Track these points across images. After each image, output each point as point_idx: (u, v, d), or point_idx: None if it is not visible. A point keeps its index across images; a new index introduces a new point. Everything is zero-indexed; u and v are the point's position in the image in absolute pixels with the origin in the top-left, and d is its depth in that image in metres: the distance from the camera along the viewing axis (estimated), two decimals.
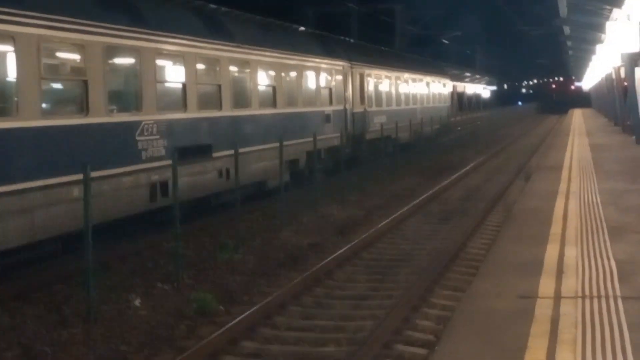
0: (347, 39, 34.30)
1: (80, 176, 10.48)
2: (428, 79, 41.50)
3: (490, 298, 7.91)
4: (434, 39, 74.24)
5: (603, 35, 31.56)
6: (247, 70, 18.83)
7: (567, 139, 34.51)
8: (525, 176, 22.35)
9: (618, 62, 29.47)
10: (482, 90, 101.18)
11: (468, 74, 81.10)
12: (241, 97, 18.48)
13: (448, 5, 68.12)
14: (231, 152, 15.54)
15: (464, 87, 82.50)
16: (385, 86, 32.42)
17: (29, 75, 11.25)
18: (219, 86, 17.19)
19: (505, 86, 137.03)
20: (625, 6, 22.66)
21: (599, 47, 37.95)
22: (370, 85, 29.93)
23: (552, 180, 17.98)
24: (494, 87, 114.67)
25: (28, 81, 11.23)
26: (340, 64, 26.05)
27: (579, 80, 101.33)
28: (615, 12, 25.36)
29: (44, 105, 11.65)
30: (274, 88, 20.23)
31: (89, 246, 10.02)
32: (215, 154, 16.56)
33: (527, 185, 18.51)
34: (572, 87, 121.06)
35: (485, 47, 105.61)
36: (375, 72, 30.78)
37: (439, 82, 45.11)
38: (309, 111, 22.71)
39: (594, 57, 46.35)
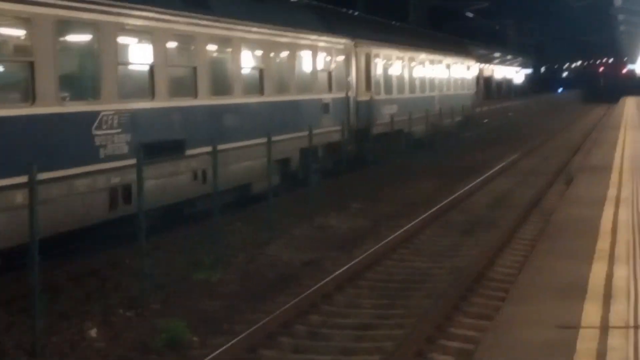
0: (351, 11, 34.38)
1: (24, 178, 10.47)
2: (449, 60, 41.57)
3: (523, 328, 7.91)
4: (456, 12, 74.38)
5: None
6: (229, 50, 18.83)
7: (617, 133, 34.57)
8: (566, 179, 22.37)
9: None
10: (515, 74, 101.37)
11: (497, 55, 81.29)
12: (221, 82, 18.48)
13: None
14: (209, 149, 15.54)
15: (492, 70, 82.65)
16: (396, 69, 32.46)
17: None
18: (194, 69, 17.19)
19: (543, 69, 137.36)
20: None
21: None
22: (378, 67, 29.97)
23: (598, 184, 17.99)
24: (529, 70, 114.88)
25: None
26: (341, 42, 26.08)
27: (633, 62, 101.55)
28: None
29: None
30: (261, 71, 20.24)
31: (35, 264, 10.00)
32: (189, 152, 16.56)
33: (568, 190, 18.53)
34: (624, 71, 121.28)
35: (518, 22, 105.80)
36: (384, 51, 30.81)
37: (462, 64, 45.20)
38: (303, 100, 22.73)
39: None
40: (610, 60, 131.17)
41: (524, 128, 50.93)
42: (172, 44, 16.63)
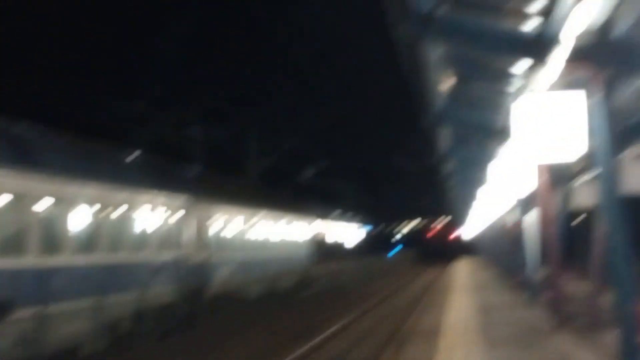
0: (191, 168, 34.37)
1: None
2: (287, 218, 41.91)
3: None
4: (295, 172, 75.63)
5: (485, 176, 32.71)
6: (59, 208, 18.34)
7: (448, 297, 35.23)
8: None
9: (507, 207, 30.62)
10: (356, 230, 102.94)
11: (336, 213, 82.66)
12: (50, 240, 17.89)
13: (308, 134, 68.84)
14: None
15: (331, 227, 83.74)
16: (235, 227, 32.39)
17: None
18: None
19: (380, 227, 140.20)
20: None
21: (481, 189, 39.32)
22: (216, 225, 29.80)
23: (427, 351, 18.09)
24: (370, 227, 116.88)
25: None
26: (179, 198, 25.84)
27: (463, 223, 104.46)
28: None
29: None
30: (95, 228, 19.73)
31: None
32: None
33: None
34: (451, 236, 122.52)
35: (353, 181, 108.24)
36: (222, 210, 30.77)
37: (301, 222, 45.65)
38: (135, 259, 22.21)
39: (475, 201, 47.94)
40: (438, 226, 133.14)
41: (360, 289, 51.37)
42: None
